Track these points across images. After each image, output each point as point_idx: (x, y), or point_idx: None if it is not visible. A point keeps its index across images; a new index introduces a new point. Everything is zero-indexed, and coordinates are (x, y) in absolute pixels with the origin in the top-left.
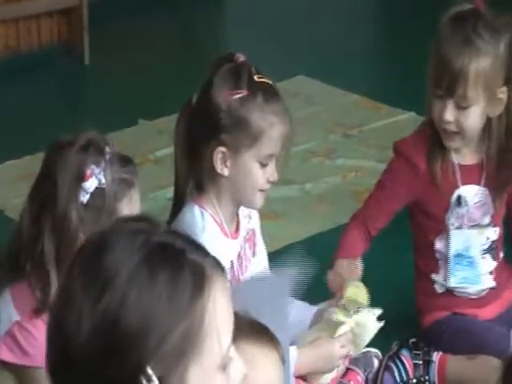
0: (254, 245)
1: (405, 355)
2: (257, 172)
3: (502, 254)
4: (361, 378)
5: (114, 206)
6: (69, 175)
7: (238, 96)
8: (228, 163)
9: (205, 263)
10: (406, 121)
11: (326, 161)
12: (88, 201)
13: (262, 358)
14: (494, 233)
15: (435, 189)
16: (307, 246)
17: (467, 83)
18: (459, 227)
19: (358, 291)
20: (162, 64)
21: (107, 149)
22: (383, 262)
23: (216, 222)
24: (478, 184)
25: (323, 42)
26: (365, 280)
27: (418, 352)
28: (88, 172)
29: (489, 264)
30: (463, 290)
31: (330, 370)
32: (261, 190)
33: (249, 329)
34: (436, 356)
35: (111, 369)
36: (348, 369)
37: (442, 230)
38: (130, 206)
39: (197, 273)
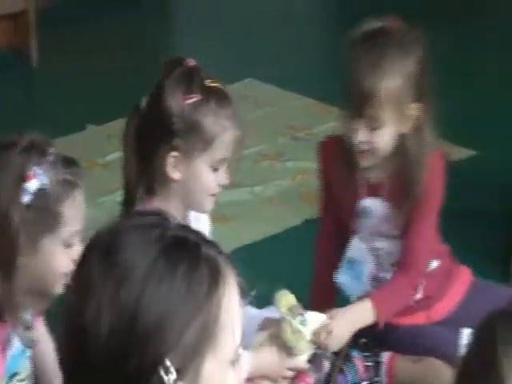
0: None
1: (356, 356)
2: (208, 176)
3: (435, 264)
4: (312, 380)
5: (56, 207)
6: (11, 175)
7: (191, 100)
8: (180, 168)
9: (219, 258)
10: None
11: (276, 163)
12: (30, 202)
13: None
14: None
15: (343, 196)
16: (258, 248)
17: (377, 105)
18: (369, 236)
19: (287, 297)
20: (112, 67)
21: (50, 150)
22: None
23: None
24: (383, 197)
25: (273, 44)
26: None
27: (368, 354)
28: (30, 173)
29: None
30: None
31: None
32: (211, 195)
33: None
34: (385, 357)
35: (131, 361)
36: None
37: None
38: (73, 207)
39: (212, 267)
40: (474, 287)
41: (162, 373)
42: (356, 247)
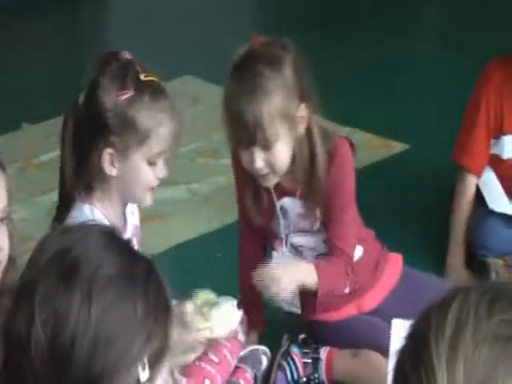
0: (139, 241)
1: (295, 353)
2: (146, 171)
3: (359, 253)
4: (249, 375)
5: None
6: None
7: (124, 96)
8: (116, 164)
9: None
10: None
11: (211, 161)
12: None
13: None
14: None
15: (259, 200)
16: (194, 246)
17: (265, 128)
18: (288, 235)
19: (207, 294)
20: (48, 65)
21: None
22: None
23: (106, 217)
24: (295, 196)
25: (210, 41)
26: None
27: (307, 350)
28: None
29: None
30: None
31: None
32: (150, 188)
33: None
34: (323, 353)
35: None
36: (236, 367)
37: (276, 239)
38: None
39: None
40: (405, 275)
41: (140, 369)
42: (277, 259)
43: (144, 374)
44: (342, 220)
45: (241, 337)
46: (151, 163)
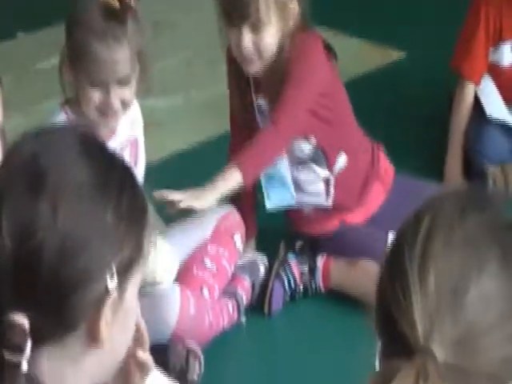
0: (136, 154)
1: (292, 261)
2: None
3: (343, 160)
4: (247, 283)
5: None
6: None
7: None
8: None
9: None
10: None
11: (209, 69)
12: None
13: None
14: (306, 143)
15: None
16: (193, 153)
17: (259, 6)
18: None
19: None
20: None
21: None
22: None
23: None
24: (265, 98)
25: None
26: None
27: (303, 258)
28: None
29: (316, 171)
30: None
31: None
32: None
33: None
34: (320, 261)
35: (80, 261)
36: (234, 276)
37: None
38: None
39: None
40: (398, 185)
41: (108, 277)
42: None
43: (112, 283)
44: (288, 94)
45: (238, 245)
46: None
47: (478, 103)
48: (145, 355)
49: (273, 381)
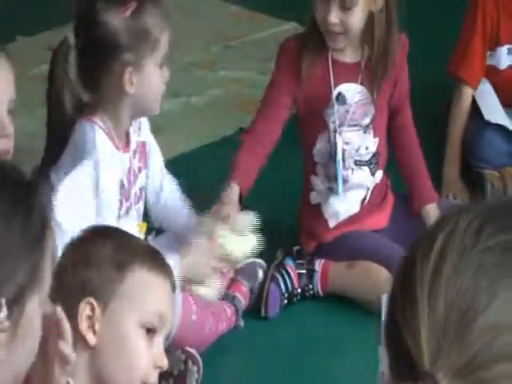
0: (145, 158)
1: (289, 264)
2: (157, 78)
3: (380, 174)
4: (245, 288)
5: None
6: None
7: (129, 11)
8: (134, 80)
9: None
10: (287, 31)
11: (209, 73)
12: None
13: (156, 287)
14: (373, 143)
15: (315, 85)
16: (191, 158)
17: None
18: (340, 125)
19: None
20: None
21: None
22: (271, 175)
23: (107, 135)
24: (356, 82)
25: None
26: (253, 191)
27: (301, 261)
28: None
29: (365, 177)
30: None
31: (201, 278)
32: (160, 95)
33: (145, 253)
34: (319, 265)
35: None
36: (232, 280)
37: (323, 130)
38: None
39: (43, 215)
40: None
41: None
42: (338, 143)
43: (1, 314)
44: (408, 108)
45: None
46: (160, 66)
47: (475, 107)
48: (66, 348)
49: None
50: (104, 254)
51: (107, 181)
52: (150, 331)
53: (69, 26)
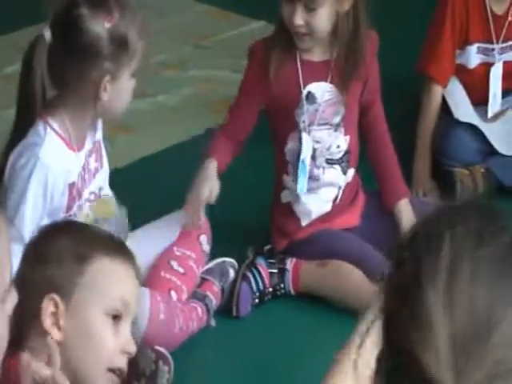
0: (101, 157)
1: (261, 264)
2: (130, 88)
3: (352, 173)
4: (216, 287)
5: None
6: None
7: (114, 20)
8: (108, 88)
9: None
10: (257, 30)
11: (179, 72)
12: None
13: (117, 274)
14: (344, 141)
15: (284, 85)
16: (162, 158)
17: None
18: (310, 124)
19: None
20: None
21: None
22: (242, 173)
23: (59, 135)
24: (326, 81)
25: None
26: (224, 190)
27: (272, 261)
28: None
29: (337, 176)
30: (298, 207)
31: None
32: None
33: (107, 243)
34: (290, 264)
35: None
36: (203, 279)
37: (294, 129)
38: None
39: None
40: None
41: None
42: (307, 143)
43: None
44: (379, 103)
45: (205, 247)
46: (132, 76)
47: (445, 105)
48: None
49: None
50: (62, 249)
51: (54, 183)
52: (116, 318)
53: (37, 26)
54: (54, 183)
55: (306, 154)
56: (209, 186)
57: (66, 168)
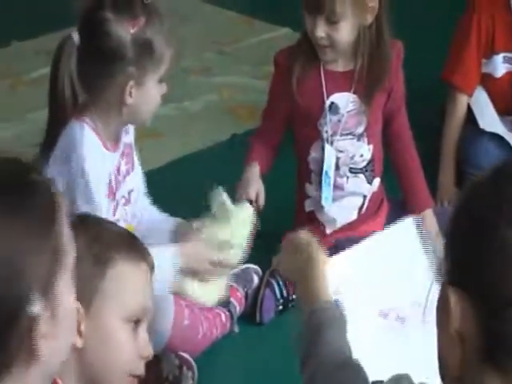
0: (132, 160)
1: None
2: (157, 94)
3: (378, 182)
4: (240, 294)
5: None
6: None
7: (139, 25)
8: (133, 93)
9: (51, 184)
10: (281, 37)
11: (202, 78)
12: None
13: (137, 279)
14: (368, 151)
15: (307, 96)
16: (187, 163)
17: (335, 1)
18: (333, 135)
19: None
20: None
21: None
22: (266, 179)
23: (96, 134)
24: (349, 91)
25: None
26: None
27: None
28: None
29: (361, 186)
30: (322, 216)
31: (202, 273)
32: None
33: (121, 242)
34: None
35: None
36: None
37: (317, 138)
38: None
39: (47, 197)
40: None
41: (29, 309)
42: (330, 154)
43: (37, 306)
44: (404, 112)
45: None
46: (160, 82)
47: (470, 114)
48: None
49: None
50: (79, 249)
51: (91, 174)
52: (135, 323)
53: (64, 31)
54: (88, 173)
55: (328, 166)
56: (255, 189)
57: (105, 166)
